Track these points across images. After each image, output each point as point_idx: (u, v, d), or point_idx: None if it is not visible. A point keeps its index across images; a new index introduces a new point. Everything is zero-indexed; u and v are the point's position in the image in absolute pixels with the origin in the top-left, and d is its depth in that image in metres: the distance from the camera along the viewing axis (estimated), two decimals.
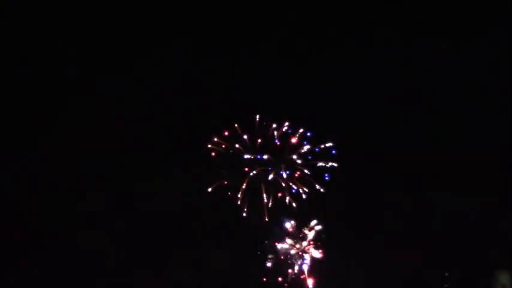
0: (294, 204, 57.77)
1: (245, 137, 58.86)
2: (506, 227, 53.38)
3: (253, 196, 57.88)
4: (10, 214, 55.28)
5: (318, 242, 57.67)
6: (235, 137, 58.73)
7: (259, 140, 58.72)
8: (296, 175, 58.28)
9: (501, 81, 56.41)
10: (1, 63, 55.97)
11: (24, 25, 57.53)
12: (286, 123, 58.96)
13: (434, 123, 57.87)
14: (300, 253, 57.18)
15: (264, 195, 57.89)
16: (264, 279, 57.49)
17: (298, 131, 59.10)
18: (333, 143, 58.68)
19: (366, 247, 55.45)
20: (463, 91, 56.80)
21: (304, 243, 57.52)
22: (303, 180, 58.26)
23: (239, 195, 57.71)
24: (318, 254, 57.34)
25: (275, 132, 58.55)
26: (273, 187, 58.00)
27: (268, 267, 57.62)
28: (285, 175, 58.06)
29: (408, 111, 57.71)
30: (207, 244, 56.34)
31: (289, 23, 58.56)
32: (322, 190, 57.93)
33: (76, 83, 58.17)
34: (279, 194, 58.02)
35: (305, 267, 57.01)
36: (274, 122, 59.06)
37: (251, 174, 58.24)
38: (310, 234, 57.72)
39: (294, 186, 58.20)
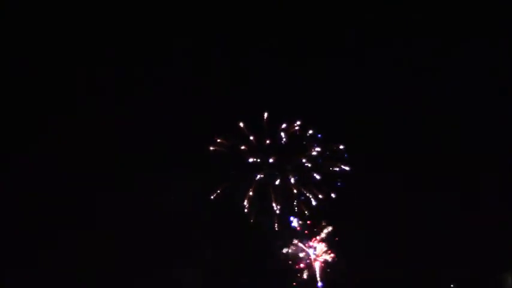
0: (305, 211, 56.82)
1: (251, 137, 57.42)
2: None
3: (261, 201, 56.76)
4: (17, 215, 55.48)
5: (328, 244, 56.83)
6: (241, 137, 57.33)
7: (267, 141, 57.15)
8: (305, 180, 56.84)
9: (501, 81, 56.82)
10: (1, 64, 56.20)
11: (24, 25, 57.62)
12: (298, 122, 57.23)
13: (443, 124, 57.86)
14: (309, 256, 56.49)
15: (272, 200, 56.53)
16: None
17: (307, 132, 57.50)
18: (344, 145, 57.30)
19: (375, 249, 55.56)
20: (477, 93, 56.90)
21: (316, 245, 56.76)
22: (312, 185, 56.79)
23: (246, 203, 56.72)
24: (328, 256, 56.57)
25: (282, 134, 57.38)
26: (281, 192, 56.73)
27: (278, 269, 56.69)
28: (293, 180, 56.79)
29: (420, 113, 57.81)
30: (215, 246, 56.19)
31: (294, 24, 58.71)
32: (333, 196, 56.80)
33: (78, 84, 58.16)
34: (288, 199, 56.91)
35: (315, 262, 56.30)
36: (284, 122, 57.40)
37: (257, 178, 57.02)
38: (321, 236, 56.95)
39: (303, 191, 56.73)
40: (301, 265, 56.73)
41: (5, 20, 56.42)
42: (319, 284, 56.13)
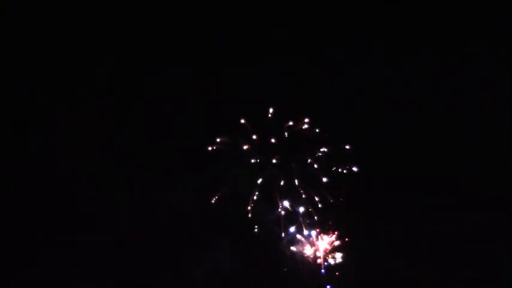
0: (311, 211, 56.22)
1: (254, 137, 56.74)
2: None
3: (265, 201, 56.34)
4: (17, 215, 55.35)
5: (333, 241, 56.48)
6: (244, 135, 56.60)
7: (272, 140, 56.40)
8: (312, 181, 56.12)
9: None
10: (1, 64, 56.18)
11: (24, 25, 57.55)
12: (306, 120, 56.36)
13: (444, 124, 57.96)
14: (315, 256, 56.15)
15: (277, 201, 55.75)
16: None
17: (313, 131, 56.70)
18: (350, 145, 56.43)
19: (377, 248, 55.57)
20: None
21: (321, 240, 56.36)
22: (319, 187, 56.25)
23: (249, 204, 56.55)
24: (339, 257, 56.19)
25: (286, 134, 56.96)
26: (286, 193, 56.35)
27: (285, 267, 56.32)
28: (297, 182, 56.16)
29: (422, 113, 57.96)
30: (221, 246, 55.99)
31: (294, 24, 58.71)
32: (341, 199, 56.16)
33: (78, 85, 58.00)
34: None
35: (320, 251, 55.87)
36: (290, 119, 56.49)
37: (261, 179, 56.49)
38: (325, 241, 56.59)
39: (309, 192, 55.99)
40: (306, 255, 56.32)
41: (5, 20, 56.34)
42: (322, 270, 55.66)
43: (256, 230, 55.69)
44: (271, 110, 56.31)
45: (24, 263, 54.26)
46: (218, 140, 56.45)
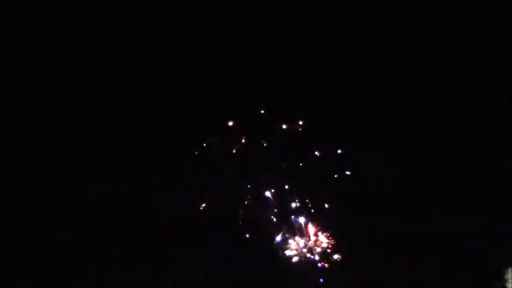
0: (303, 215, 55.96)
1: (243, 140, 55.90)
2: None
3: (256, 205, 56.05)
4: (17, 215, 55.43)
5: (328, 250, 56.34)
6: (234, 138, 56.14)
7: (263, 144, 55.83)
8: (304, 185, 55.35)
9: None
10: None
11: (24, 26, 57.58)
12: (300, 123, 55.79)
13: (444, 124, 57.83)
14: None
15: (268, 205, 54.89)
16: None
17: (307, 133, 55.96)
18: (345, 148, 55.88)
19: (374, 248, 55.43)
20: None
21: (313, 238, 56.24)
22: (310, 192, 55.37)
23: (241, 208, 56.03)
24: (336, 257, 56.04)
25: (281, 135, 56.54)
26: (278, 197, 55.39)
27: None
28: (289, 186, 55.29)
29: (422, 113, 57.84)
30: (221, 246, 55.92)
31: (293, 23, 58.63)
32: (334, 202, 55.19)
33: (77, 84, 57.99)
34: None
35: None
36: (282, 122, 55.89)
37: (253, 181, 55.58)
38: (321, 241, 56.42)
39: (302, 196, 55.24)
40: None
41: (5, 20, 56.40)
42: (313, 257, 55.45)
43: (249, 233, 55.54)
44: (262, 112, 56.09)
45: (24, 263, 54.53)
46: (214, 140, 56.38)
